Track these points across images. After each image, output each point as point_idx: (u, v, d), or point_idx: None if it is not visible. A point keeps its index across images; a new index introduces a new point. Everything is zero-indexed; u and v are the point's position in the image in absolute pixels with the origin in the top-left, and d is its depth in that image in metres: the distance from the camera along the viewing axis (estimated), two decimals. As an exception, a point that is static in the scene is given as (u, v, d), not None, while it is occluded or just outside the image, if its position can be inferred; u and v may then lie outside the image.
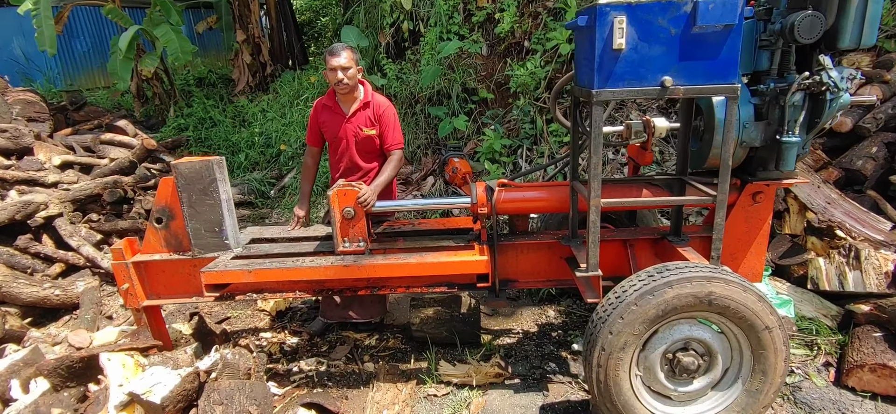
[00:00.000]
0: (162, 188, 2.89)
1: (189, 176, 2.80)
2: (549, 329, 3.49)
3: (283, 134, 6.80)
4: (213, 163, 2.82)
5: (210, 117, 7.74)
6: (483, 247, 2.81)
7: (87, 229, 4.82)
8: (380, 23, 6.52)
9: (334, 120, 3.11)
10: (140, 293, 2.98)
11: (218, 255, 2.94)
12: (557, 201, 2.82)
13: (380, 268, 2.67)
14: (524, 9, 5.95)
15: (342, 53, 2.93)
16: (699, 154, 2.68)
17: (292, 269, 2.69)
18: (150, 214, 2.96)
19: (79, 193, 4.97)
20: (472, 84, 5.79)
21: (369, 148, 3.14)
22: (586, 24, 2.16)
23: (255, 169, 6.83)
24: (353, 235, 2.85)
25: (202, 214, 2.88)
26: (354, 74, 2.98)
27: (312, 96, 7.09)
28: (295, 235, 3.18)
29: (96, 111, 7.88)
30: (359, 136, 3.09)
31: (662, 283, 2.12)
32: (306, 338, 3.50)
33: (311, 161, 3.29)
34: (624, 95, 2.18)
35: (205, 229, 2.91)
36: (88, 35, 10.13)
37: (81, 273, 4.47)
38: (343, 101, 3.09)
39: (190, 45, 7.44)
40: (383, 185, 2.95)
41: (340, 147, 3.14)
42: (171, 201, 2.90)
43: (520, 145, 5.22)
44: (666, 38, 2.09)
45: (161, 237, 2.99)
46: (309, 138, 3.26)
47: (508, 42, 5.83)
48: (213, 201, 2.87)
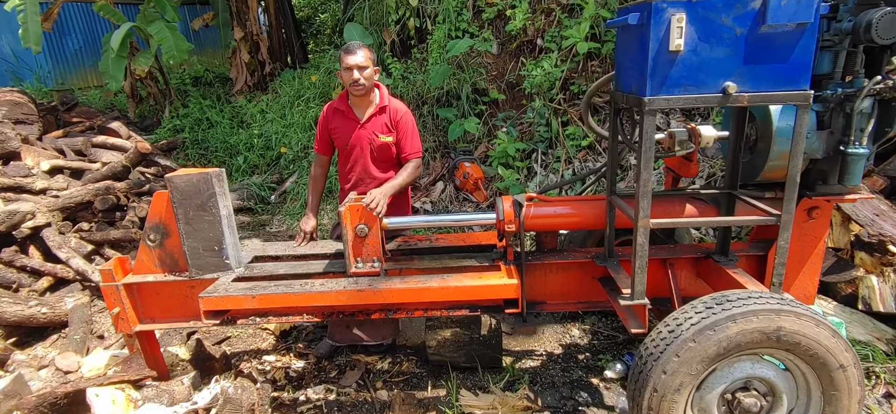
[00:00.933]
0: (155, 203, 2.63)
1: (185, 190, 2.53)
2: (574, 351, 3.24)
3: (284, 136, 6.53)
4: (212, 175, 2.55)
5: (207, 118, 7.46)
6: (510, 268, 2.56)
7: (77, 239, 4.54)
8: (384, 20, 6.24)
9: (347, 126, 2.84)
10: (132, 317, 2.72)
11: (217, 276, 2.67)
12: (592, 218, 2.57)
13: (398, 293, 2.41)
14: (536, 5, 5.69)
15: (359, 51, 2.66)
16: (751, 166, 2.43)
17: (300, 293, 2.42)
18: (143, 231, 2.69)
19: (68, 201, 4.69)
20: (482, 84, 5.53)
21: (385, 156, 2.87)
22: (638, 22, 1.90)
23: (255, 173, 6.56)
24: (366, 254, 2.59)
25: (200, 232, 2.62)
26: (371, 75, 2.71)
27: (314, 96, 6.81)
28: (301, 253, 2.91)
29: (88, 112, 7.58)
30: (374, 143, 2.82)
31: (725, 317, 1.87)
32: (313, 361, 3.24)
33: (320, 171, 3.02)
34: (680, 104, 1.92)
35: (203, 248, 2.65)
36: (80, 32, 9.80)
37: (71, 288, 4.20)
38: (357, 105, 2.82)
39: (186, 42, 7.16)
40: (396, 188, 2.67)
41: (353, 155, 2.87)
42: (165, 217, 2.63)
43: (534, 149, 4.96)
44: (730, 39, 1.84)
45: (155, 256, 2.73)
46: (318, 145, 3.00)
47: (520, 40, 5.57)
48: (212, 218, 2.60)
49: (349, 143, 2.85)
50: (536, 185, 4.70)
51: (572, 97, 5.12)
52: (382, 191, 2.58)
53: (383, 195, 2.57)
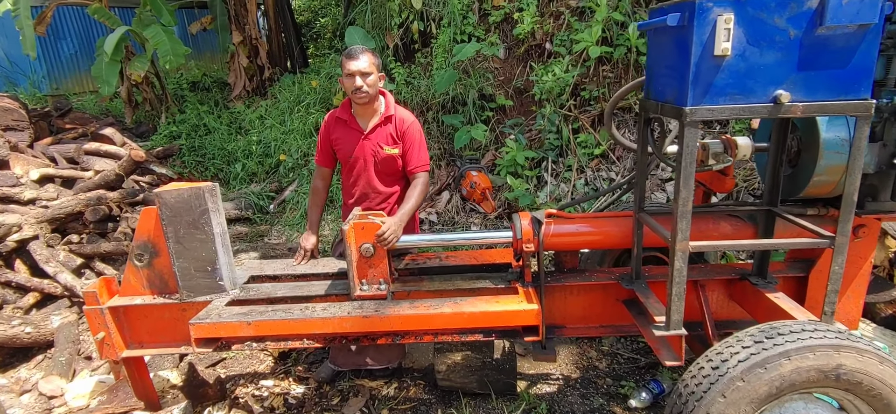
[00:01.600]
0: (143, 220, 2.42)
1: (176, 207, 2.33)
2: (593, 375, 3.03)
3: (283, 142, 6.33)
4: (205, 190, 2.35)
5: (204, 124, 7.26)
6: (528, 290, 2.36)
7: (66, 253, 4.33)
8: (387, 23, 6.05)
9: (350, 136, 2.64)
10: (118, 343, 2.51)
11: (210, 298, 2.47)
12: (618, 236, 2.36)
13: (407, 319, 2.21)
14: (544, 8, 5.50)
15: (362, 56, 2.46)
16: (792, 181, 2.24)
17: (300, 319, 2.22)
18: (130, 250, 2.48)
19: (58, 212, 4.48)
20: (488, 90, 5.34)
21: (390, 170, 2.67)
22: (678, 23, 1.70)
23: (253, 181, 6.36)
24: (372, 275, 2.39)
25: (191, 251, 2.41)
26: (375, 82, 2.51)
27: (314, 102, 6.62)
28: (301, 272, 2.71)
29: (82, 118, 7.38)
30: (378, 155, 2.62)
31: (777, 353, 1.66)
32: (314, 386, 3.03)
33: (321, 184, 2.82)
34: (725, 114, 1.72)
35: (195, 269, 2.44)
36: (75, 36, 9.60)
37: (58, 304, 3.99)
38: (360, 115, 2.62)
39: (183, 47, 6.96)
40: (408, 215, 2.49)
41: (356, 168, 2.67)
42: (154, 236, 2.43)
43: (544, 158, 4.77)
44: (783, 42, 1.64)
45: (143, 277, 2.52)
46: (319, 157, 2.79)
47: (528, 44, 5.39)
48: (205, 236, 2.40)
49: (352, 154, 2.65)
50: (547, 195, 4.50)
51: (583, 103, 4.92)
52: (397, 220, 2.39)
53: (399, 225, 2.38)
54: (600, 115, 4.79)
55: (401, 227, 2.39)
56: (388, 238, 2.28)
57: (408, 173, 2.67)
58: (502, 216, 4.66)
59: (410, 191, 2.59)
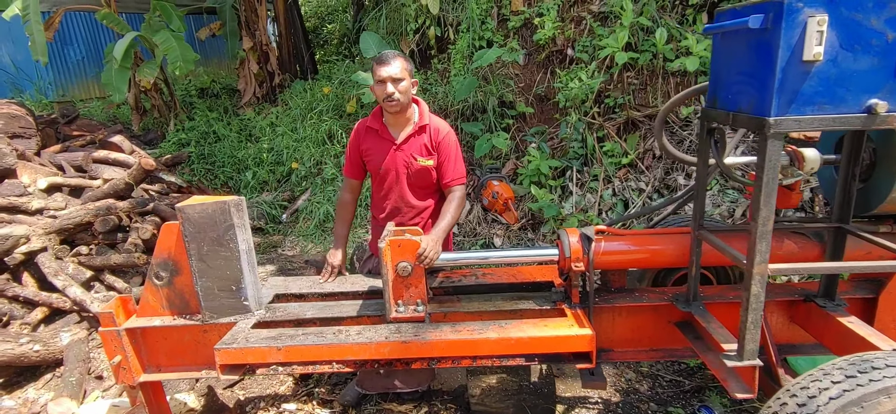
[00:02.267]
0: (164, 237, 2.27)
1: (199, 222, 2.18)
2: (635, 399, 2.86)
3: (296, 150, 6.19)
4: (230, 205, 2.20)
5: (213, 131, 7.13)
6: (577, 313, 2.20)
7: (75, 265, 4.18)
8: (403, 28, 5.92)
9: (381, 147, 2.49)
10: (135, 367, 2.35)
11: (235, 319, 2.31)
12: (674, 254, 2.20)
13: (449, 345, 2.05)
14: (565, 13, 5.37)
15: (394, 62, 2.32)
16: (864, 196, 2.08)
17: (335, 345, 2.06)
18: (149, 268, 2.33)
19: (67, 222, 4.33)
20: (509, 97, 5.19)
21: (424, 182, 2.51)
22: (761, 25, 1.55)
23: (264, 189, 6.21)
24: (409, 296, 2.23)
25: (215, 270, 2.26)
26: (408, 89, 2.37)
27: (327, 109, 6.48)
28: (329, 290, 2.56)
29: (90, 124, 7.25)
30: (412, 167, 2.47)
31: (875, 390, 1.50)
32: (339, 410, 2.87)
33: (350, 197, 2.66)
34: (813, 125, 1.56)
35: (218, 288, 2.29)
36: (83, 42, 9.49)
37: (67, 319, 3.84)
38: (393, 124, 2.47)
39: (192, 52, 6.84)
40: (446, 232, 2.34)
41: (388, 180, 2.51)
42: (175, 253, 2.28)
43: (568, 167, 4.61)
44: (880, 46, 1.49)
45: (162, 296, 2.37)
46: (347, 168, 2.64)
47: (549, 50, 5.24)
48: (230, 253, 2.25)
49: (383, 166, 2.49)
50: (573, 206, 4.34)
51: (607, 111, 4.77)
52: (435, 238, 2.24)
53: (437, 242, 2.23)
54: (626, 122, 4.64)
55: (440, 244, 2.24)
56: (428, 256, 2.13)
57: (443, 186, 2.51)
58: (526, 227, 4.50)
59: (447, 206, 2.44)
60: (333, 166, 5.75)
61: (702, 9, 4.92)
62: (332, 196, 5.52)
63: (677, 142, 4.23)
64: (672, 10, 4.98)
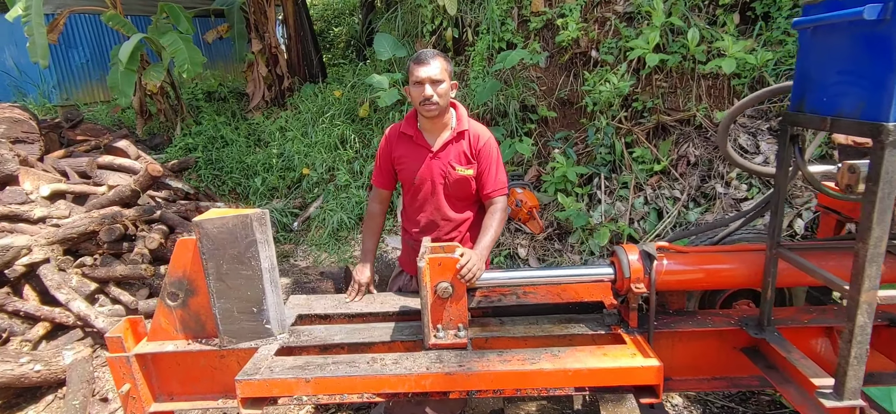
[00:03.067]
0: (179, 254, 2.06)
1: (218, 238, 1.97)
2: (685, 428, 2.64)
3: (307, 156, 5.98)
4: (253, 219, 1.99)
5: (221, 136, 6.93)
6: (637, 339, 1.98)
7: (78, 277, 3.98)
8: (418, 29, 5.72)
9: (416, 154, 2.28)
10: (146, 396, 2.14)
11: (256, 345, 2.10)
12: (746, 275, 1.98)
13: (499, 377, 1.83)
14: (588, 14, 5.16)
15: (433, 61, 2.11)
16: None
17: (370, 377, 1.84)
18: (162, 288, 2.12)
19: (70, 231, 4.13)
20: (530, 100, 4.98)
21: (463, 193, 2.30)
22: (878, 15, 1.33)
23: (274, 196, 6.01)
24: (449, 320, 2.01)
25: (235, 290, 2.05)
26: (447, 92, 2.16)
27: (338, 113, 6.28)
28: (357, 311, 2.34)
29: (94, 129, 7.06)
30: (450, 177, 2.25)
31: None
32: (364, 439, 2.65)
33: (379, 208, 2.45)
34: (940, 132, 1.34)
35: (238, 310, 2.08)
36: (88, 44, 9.31)
37: (70, 335, 3.63)
38: (429, 129, 2.26)
39: (200, 55, 6.65)
40: (489, 248, 2.13)
41: (423, 191, 2.30)
42: (191, 271, 2.07)
43: (596, 174, 4.39)
44: None
45: (176, 318, 2.16)
46: (377, 177, 2.42)
47: (572, 52, 5.04)
48: (251, 272, 2.04)
49: (418, 176, 2.28)
50: (601, 215, 4.12)
51: (635, 115, 4.56)
52: (479, 254, 2.03)
53: (480, 259, 2.02)
54: (656, 127, 4.43)
55: (483, 261, 2.03)
56: (472, 273, 1.91)
57: (483, 198, 2.30)
58: (552, 238, 4.28)
59: (488, 219, 2.23)
60: (346, 172, 5.55)
61: (733, 9, 4.71)
62: (345, 204, 5.32)
63: (715, 147, 4.01)
64: (701, 11, 4.77)
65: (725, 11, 4.72)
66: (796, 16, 4.39)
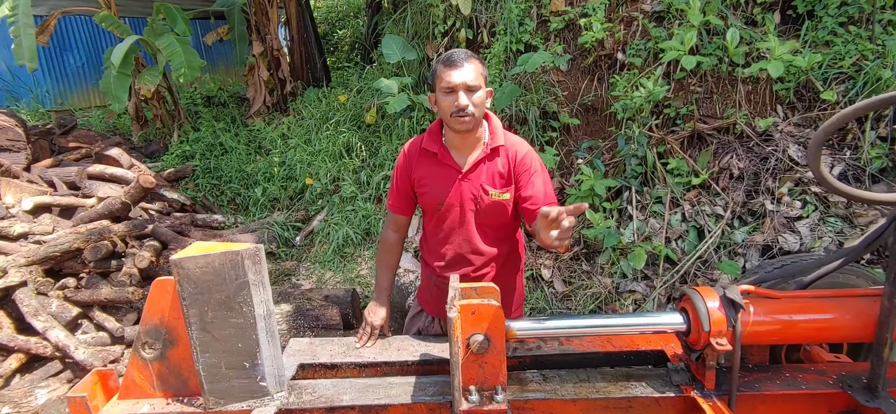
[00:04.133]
0: (155, 297, 1.70)
1: (202, 281, 1.61)
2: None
3: (310, 165, 5.62)
4: (244, 257, 1.63)
5: (220, 143, 6.59)
6: (715, 404, 1.60)
7: (59, 301, 3.62)
8: (429, 31, 5.36)
9: (442, 175, 1.90)
10: (116, 465, 1.77)
11: (248, 405, 1.74)
12: (853, 327, 1.60)
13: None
14: (612, 14, 4.80)
15: (466, 64, 1.74)
16: None
17: (389, 458, 1.47)
18: (136, 338, 1.75)
19: (53, 250, 3.77)
20: (552, 107, 4.62)
21: (497, 221, 1.93)
22: None
23: (275, 207, 5.65)
24: (484, 380, 1.64)
25: (223, 342, 1.68)
26: (483, 101, 1.79)
27: (343, 120, 5.92)
28: (370, 360, 1.97)
29: (87, 135, 6.74)
30: (482, 203, 1.88)
31: None
32: None
33: (395, 236, 2.08)
34: None
35: (226, 365, 1.71)
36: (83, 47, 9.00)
37: (47, 369, 3.28)
38: (457, 145, 1.89)
39: (198, 58, 6.31)
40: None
41: (449, 220, 1.93)
42: (169, 318, 1.71)
43: (626, 187, 4.02)
44: None
45: (153, 372, 1.79)
46: (393, 200, 2.05)
47: (596, 54, 4.67)
48: (243, 320, 1.67)
49: (444, 201, 1.90)
50: (633, 233, 3.75)
51: (667, 122, 4.19)
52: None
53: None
54: (691, 136, 4.05)
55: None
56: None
57: (528, 224, 1.91)
58: (578, 257, 3.91)
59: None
60: (352, 183, 5.19)
61: (773, 8, 4.34)
62: (350, 217, 4.95)
63: (761, 159, 3.63)
64: (737, 10, 4.40)
65: (763, 10, 4.35)
66: (845, 14, 4.07)
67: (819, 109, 3.75)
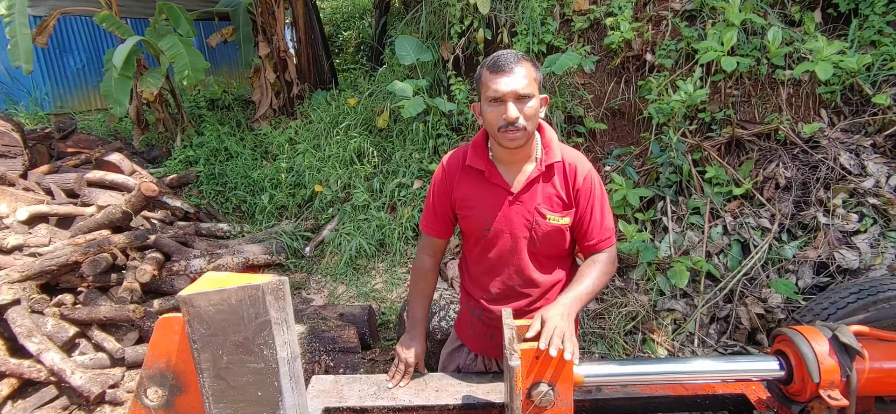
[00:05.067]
0: (160, 336, 1.46)
1: (216, 320, 1.36)
2: None
3: (319, 171, 5.38)
4: (265, 292, 1.38)
5: (225, 148, 6.35)
6: (824, 468, 1.35)
7: (55, 319, 3.38)
8: (445, 31, 5.12)
9: (489, 195, 1.65)
10: None
11: (268, 464, 1.48)
12: None
13: None
14: (639, 13, 4.55)
15: (517, 68, 1.48)
16: None
17: None
18: (138, 384, 1.51)
19: (48, 264, 3.54)
20: (577, 111, 4.37)
21: (554, 249, 1.67)
22: None
23: (283, 215, 5.41)
24: (548, 437, 1.39)
25: (240, 390, 1.43)
26: (537, 111, 1.53)
27: (354, 124, 5.68)
28: (404, 404, 1.72)
29: (87, 140, 6.51)
30: (538, 229, 1.62)
31: None
32: None
33: (431, 262, 1.82)
34: None
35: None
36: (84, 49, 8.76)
37: (41, 394, 3.03)
38: (507, 161, 1.63)
39: (202, 60, 6.08)
40: (582, 302, 1.51)
41: (497, 248, 1.67)
42: (177, 362, 1.46)
43: (661, 197, 3.77)
44: None
45: (157, 422, 1.54)
46: (428, 222, 1.80)
47: (623, 55, 4.43)
48: (264, 365, 1.42)
49: (491, 226, 1.65)
50: (670, 247, 3.49)
51: (703, 127, 3.94)
52: (563, 309, 1.41)
53: (567, 318, 1.39)
54: (729, 142, 3.80)
55: (572, 320, 1.40)
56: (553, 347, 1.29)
57: (583, 250, 1.67)
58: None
59: (586, 267, 1.60)
60: (364, 191, 4.94)
61: (813, 7, 4.09)
62: (363, 226, 4.71)
63: (810, 167, 3.38)
64: (774, 7, 4.16)
65: (802, 8, 4.10)
66: (894, 13, 3.82)
67: (869, 114, 3.50)
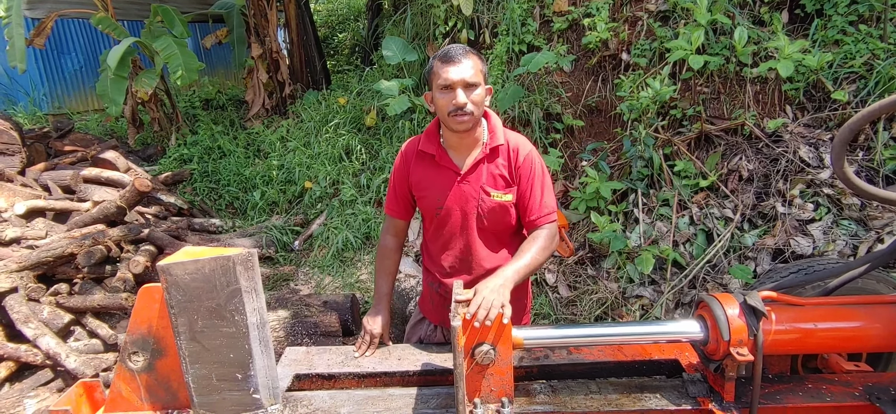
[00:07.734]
0: (142, 305, 1.61)
1: (191, 288, 1.52)
2: None
3: (309, 168, 5.54)
4: (235, 262, 1.54)
5: (219, 146, 6.51)
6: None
7: (51, 307, 3.53)
8: (430, 32, 5.29)
9: (440, 177, 1.82)
10: (101, 482, 1.68)
11: (240, 421, 1.64)
12: (883, 335, 1.51)
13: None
14: (616, 14, 4.72)
15: (464, 60, 1.66)
16: None
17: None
18: (122, 348, 1.66)
19: (45, 255, 3.69)
20: (555, 108, 4.53)
21: (501, 226, 1.84)
22: None
23: (274, 211, 5.56)
24: (489, 392, 1.55)
25: (214, 352, 1.59)
26: (483, 99, 1.71)
27: (343, 122, 5.84)
28: (369, 370, 1.88)
29: (84, 139, 6.65)
30: (483, 205, 1.79)
31: None
32: None
33: (393, 242, 1.99)
34: None
35: (217, 376, 1.62)
36: (81, 50, 8.92)
37: (37, 377, 3.18)
38: (455, 146, 1.80)
39: (196, 60, 6.24)
40: (521, 275, 1.65)
41: (449, 225, 1.84)
42: (157, 327, 1.62)
43: (632, 189, 3.93)
44: None
45: (140, 384, 1.70)
46: (391, 205, 1.97)
47: (600, 55, 4.59)
48: (235, 329, 1.58)
49: (443, 204, 1.82)
50: (640, 237, 3.66)
51: (674, 123, 4.10)
52: (499, 283, 1.56)
53: (500, 294, 1.54)
54: (698, 137, 3.96)
55: (507, 292, 1.55)
56: (487, 313, 1.44)
57: (526, 226, 1.84)
58: (584, 261, 3.82)
59: (528, 243, 1.75)
60: (352, 186, 5.10)
61: (780, 7, 4.26)
62: (350, 221, 4.87)
63: (771, 160, 3.54)
64: (744, 9, 4.32)
65: (771, 9, 4.27)
66: (855, 13, 3.99)
67: (830, 110, 3.67)
